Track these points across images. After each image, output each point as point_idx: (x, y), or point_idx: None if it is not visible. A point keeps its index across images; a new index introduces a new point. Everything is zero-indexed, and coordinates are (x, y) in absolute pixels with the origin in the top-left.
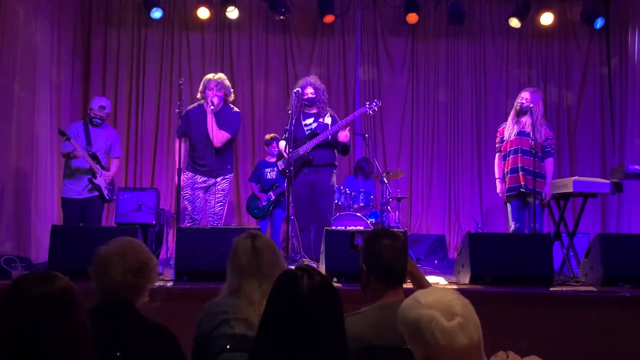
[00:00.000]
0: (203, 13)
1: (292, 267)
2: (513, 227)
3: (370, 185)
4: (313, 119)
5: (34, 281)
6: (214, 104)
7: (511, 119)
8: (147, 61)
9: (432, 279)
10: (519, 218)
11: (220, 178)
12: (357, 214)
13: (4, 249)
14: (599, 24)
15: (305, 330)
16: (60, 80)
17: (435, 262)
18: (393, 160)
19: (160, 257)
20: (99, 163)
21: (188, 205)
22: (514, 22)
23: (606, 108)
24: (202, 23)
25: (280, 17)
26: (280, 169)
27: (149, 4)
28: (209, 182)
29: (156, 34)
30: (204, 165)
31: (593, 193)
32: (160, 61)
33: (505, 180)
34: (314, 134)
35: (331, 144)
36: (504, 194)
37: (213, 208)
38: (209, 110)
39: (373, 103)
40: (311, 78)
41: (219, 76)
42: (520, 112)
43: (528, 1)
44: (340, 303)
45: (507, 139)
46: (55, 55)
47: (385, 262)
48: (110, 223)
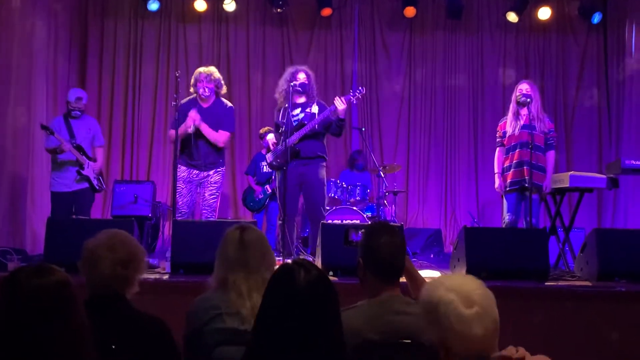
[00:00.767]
0: (200, 5)
1: (289, 261)
2: (507, 220)
3: (367, 178)
4: (300, 109)
5: (31, 274)
6: (205, 95)
7: (512, 112)
8: (144, 53)
9: (428, 273)
10: (515, 210)
11: (212, 171)
12: (354, 208)
13: None
14: (597, 18)
15: (302, 324)
16: (57, 71)
17: (431, 257)
18: (390, 154)
19: (156, 250)
20: (84, 154)
21: (179, 199)
22: (512, 17)
23: (603, 103)
24: (199, 15)
25: (278, 10)
26: (269, 162)
27: None
28: (202, 176)
29: (153, 25)
30: (197, 159)
31: (589, 188)
32: (157, 53)
33: (508, 173)
34: (301, 125)
35: (320, 133)
36: (503, 188)
37: (207, 201)
38: (197, 120)
39: (357, 91)
40: (304, 67)
41: (209, 69)
42: (521, 104)
43: None
44: (336, 297)
45: (511, 133)
46: (51, 47)
47: (383, 258)
48: (106, 215)
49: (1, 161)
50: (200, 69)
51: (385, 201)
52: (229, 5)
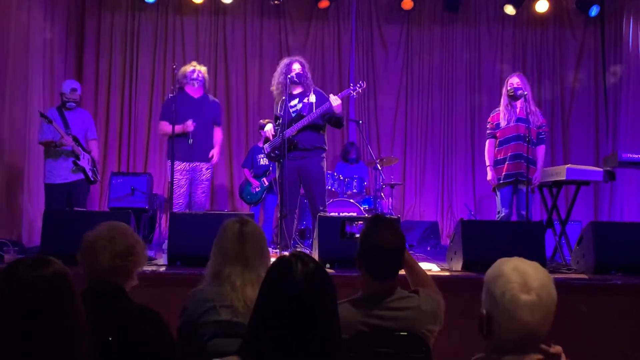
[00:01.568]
0: None
1: (286, 254)
2: (503, 214)
3: (364, 171)
4: (298, 99)
5: (29, 265)
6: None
7: (504, 105)
8: (141, 45)
9: (425, 265)
10: (509, 204)
11: (205, 167)
12: (351, 200)
13: None
14: (594, 11)
15: (299, 317)
16: (54, 64)
17: (428, 249)
18: (387, 147)
19: (153, 242)
20: (80, 146)
21: (176, 189)
22: (509, 10)
23: (600, 96)
24: (196, 7)
25: (275, 2)
26: (266, 153)
27: None
28: (196, 168)
29: (150, 18)
30: (190, 151)
31: (586, 181)
32: (154, 45)
33: (502, 166)
34: (299, 116)
35: (319, 125)
36: (497, 181)
37: (199, 197)
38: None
39: (357, 85)
40: (297, 57)
41: (194, 64)
42: (514, 97)
43: None
44: (334, 290)
45: (506, 126)
46: (48, 39)
47: (379, 258)
48: (103, 208)
49: None
50: (185, 67)
51: (382, 194)
52: None
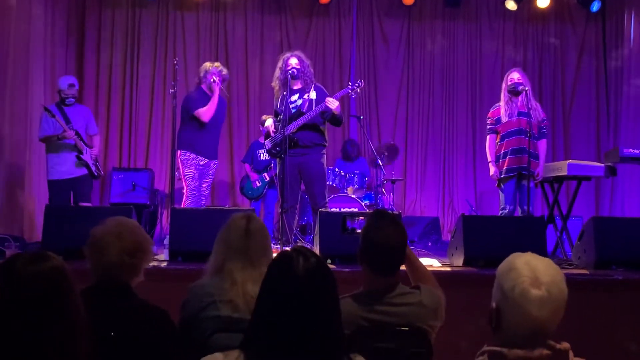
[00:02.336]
0: None
1: (287, 249)
2: (507, 210)
3: (365, 167)
4: (298, 95)
5: (28, 260)
6: (218, 84)
7: (505, 101)
8: (142, 41)
9: (426, 261)
10: (512, 200)
11: (213, 164)
12: (352, 196)
13: None
14: (596, 7)
15: (301, 312)
16: (55, 60)
17: (429, 244)
18: (388, 142)
19: (155, 238)
20: (82, 141)
21: (191, 182)
22: (511, 5)
23: (601, 91)
24: (197, 3)
25: None
26: (267, 149)
27: None
28: (207, 165)
29: (151, 14)
30: (208, 147)
31: (587, 176)
32: (155, 41)
33: (503, 160)
34: (299, 112)
35: (319, 122)
36: (500, 175)
37: (203, 192)
38: (216, 97)
39: (355, 84)
40: (296, 52)
41: (218, 64)
42: (515, 93)
43: None
44: (335, 285)
45: (507, 120)
46: (49, 35)
47: (380, 253)
48: (105, 203)
49: None
50: (208, 64)
51: (383, 189)
52: None
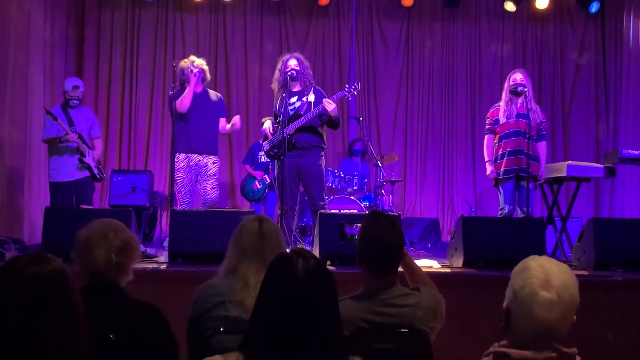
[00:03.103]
0: None
1: (287, 250)
2: (506, 211)
3: (365, 168)
4: (297, 97)
5: (28, 262)
6: (198, 76)
7: (505, 101)
8: (141, 43)
9: (425, 262)
10: (512, 201)
11: (211, 162)
12: (351, 197)
13: None
14: (594, 8)
15: (300, 313)
16: (54, 61)
17: (429, 246)
18: (387, 144)
19: (154, 240)
20: (85, 143)
21: (181, 189)
22: (509, 6)
23: (600, 92)
24: (196, 4)
25: None
26: (265, 150)
27: None
28: (200, 164)
29: (150, 15)
30: (195, 140)
31: (587, 177)
32: (154, 43)
33: (501, 161)
34: (296, 115)
35: (317, 124)
36: (496, 176)
37: (209, 195)
38: (192, 84)
39: (352, 86)
40: (295, 53)
41: (192, 58)
42: (516, 94)
43: None
44: (334, 286)
45: (506, 121)
46: (48, 36)
47: (378, 253)
48: (104, 205)
49: None
50: (183, 62)
51: (382, 190)
52: None
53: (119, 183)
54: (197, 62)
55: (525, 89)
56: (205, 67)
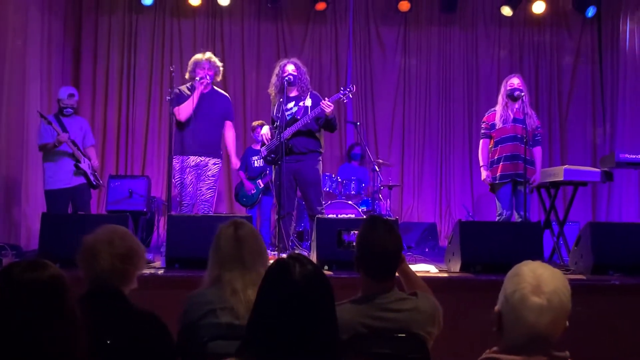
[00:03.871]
0: None
1: (284, 255)
2: (504, 216)
3: (363, 172)
4: (294, 102)
5: (25, 268)
6: (208, 81)
7: (502, 106)
8: (138, 48)
9: (423, 267)
10: (509, 206)
11: (212, 162)
12: (349, 202)
13: None
14: (591, 12)
15: (297, 318)
16: (51, 67)
17: (426, 250)
18: (384, 148)
19: (152, 245)
20: (79, 150)
21: (181, 190)
22: (506, 11)
23: (597, 97)
24: (194, 9)
25: (272, 4)
26: (263, 156)
27: None
28: (199, 161)
29: (147, 20)
30: (195, 142)
31: (584, 182)
32: (152, 48)
33: (497, 166)
34: (293, 119)
35: (314, 129)
36: (492, 181)
37: (204, 195)
38: (197, 94)
39: (347, 89)
40: (293, 59)
41: (208, 55)
42: (513, 98)
43: None
44: (331, 291)
45: (502, 126)
46: (45, 42)
47: (375, 258)
48: (101, 210)
49: None
50: (199, 56)
51: (380, 195)
52: None
53: (116, 188)
54: (213, 60)
55: (522, 93)
56: (220, 68)
